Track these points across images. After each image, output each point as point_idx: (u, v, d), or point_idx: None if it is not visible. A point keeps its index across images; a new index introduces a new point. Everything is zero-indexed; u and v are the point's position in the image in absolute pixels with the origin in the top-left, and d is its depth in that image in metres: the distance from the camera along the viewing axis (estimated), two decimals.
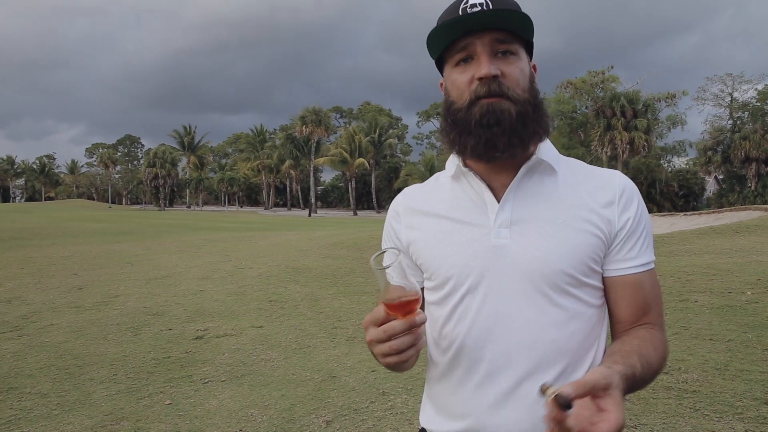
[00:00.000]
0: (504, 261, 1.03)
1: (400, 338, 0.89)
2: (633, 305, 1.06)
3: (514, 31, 1.01)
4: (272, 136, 78.94)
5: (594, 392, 0.80)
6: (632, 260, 1.05)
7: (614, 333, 1.10)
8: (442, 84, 1.12)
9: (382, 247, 1.20)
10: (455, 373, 1.09)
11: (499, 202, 1.05)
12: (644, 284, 1.06)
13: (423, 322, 0.90)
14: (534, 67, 1.09)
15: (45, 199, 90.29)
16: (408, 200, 1.19)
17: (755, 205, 17.28)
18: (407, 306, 0.89)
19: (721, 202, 42.86)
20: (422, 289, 1.17)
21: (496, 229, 1.04)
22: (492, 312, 1.04)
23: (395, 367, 1.09)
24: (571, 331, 1.03)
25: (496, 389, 1.04)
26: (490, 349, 1.04)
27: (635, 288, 1.06)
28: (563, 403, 0.77)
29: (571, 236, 1.02)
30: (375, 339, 0.90)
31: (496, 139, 0.99)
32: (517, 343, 1.03)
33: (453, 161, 1.13)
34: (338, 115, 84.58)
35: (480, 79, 0.99)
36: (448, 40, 1.03)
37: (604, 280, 1.07)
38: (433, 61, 1.12)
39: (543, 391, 0.81)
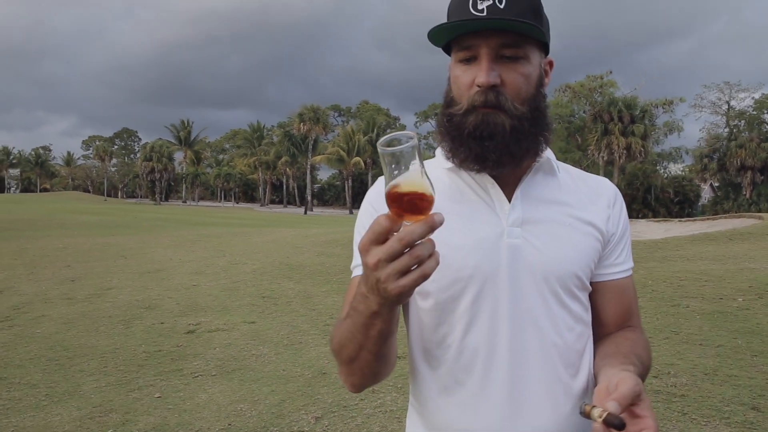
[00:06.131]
0: (518, 261, 0.99)
1: (421, 245, 0.70)
2: (620, 309, 1.08)
3: (525, 33, 0.94)
4: (269, 132, 78.79)
5: (634, 402, 0.80)
6: (620, 265, 1.07)
7: (596, 336, 1.08)
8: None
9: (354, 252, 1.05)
10: (466, 386, 1.00)
11: (509, 199, 1.02)
12: (629, 289, 1.09)
13: (441, 222, 0.71)
14: (550, 63, 1.05)
15: (40, 191, 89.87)
16: None
17: (749, 213, 17.36)
18: (425, 203, 0.70)
19: (716, 209, 43.03)
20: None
21: (509, 228, 1.00)
22: (508, 315, 0.98)
23: (380, 357, 0.90)
24: (578, 333, 1.03)
25: (517, 397, 0.98)
26: (508, 355, 0.98)
27: (621, 292, 1.08)
28: (617, 424, 0.75)
29: (579, 238, 1.02)
30: (388, 254, 0.70)
31: (487, 153, 0.96)
32: (536, 348, 0.99)
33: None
34: (336, 114, 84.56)
35: (479, 85, 0.94)
36: (451, 36, 0.98)
37: (592, 284, 1.07)
38: (437, 47, 1.04)
39: (586, 412, 0.79)
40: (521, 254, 0.99)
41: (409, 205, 0.69)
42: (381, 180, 1.05)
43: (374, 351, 0.88)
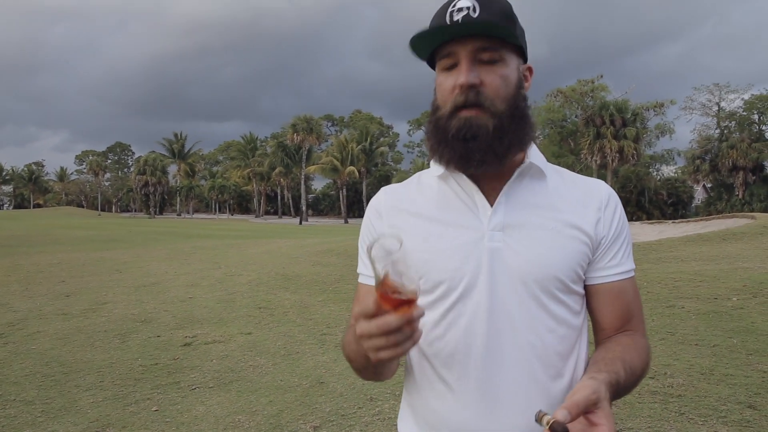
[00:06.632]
0: (498, 265, 1.02)
1: (399, 332, 0.80)
2: (616, 312, 1.07)
3: (500, 37, 0.99)
4: (263, 143, 78.78)
5: (587, 410, 0.82)
6: (615, 267, 1.07)
7: (597, 340, 1.10)
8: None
9: (360, 247, 1.17)
10: (445, 381, 1.06)
11: (491, 204, 1.04)
12: (627, 291, 1.08)
13: (420, 317, 0.81)
14: (529, 69, 1.09)
15: (33, 207, 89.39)
16: (391, 199, 1.14)
17: (742, 213, 17.46)
18: (406, 302, 0.81)
19: (709, 210, 43.25)
20: None
21: (490, 232, 1.02)
22: (486, 317, 1.02)
23: (379, 374, 1.06)
24: (560, 336, 1.03)
25: (490, 396, 1.02)
26: (484, 355, 1.02)
27: (618, 295, 1.07)
28: (560, 431, 0.77)
29: (563, 242, 1.03)
30: (368, 333, 0.81)
31: (471, 153, 0.99)
32: (511, 348, 1.01)
33: None
34: (329, 123, 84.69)
35: (460, 87, 0.98)
36: (432, 46, 1.02)
37: (587, 287, 1.08)
38: (422, 60, 1.09)
39: (539, 419, 0.80)
40: (501, 257, 1.02)
41: (390, 303, 0.80)
42: (389, 187, 1.18)
43: (374, 371, 1.04)
